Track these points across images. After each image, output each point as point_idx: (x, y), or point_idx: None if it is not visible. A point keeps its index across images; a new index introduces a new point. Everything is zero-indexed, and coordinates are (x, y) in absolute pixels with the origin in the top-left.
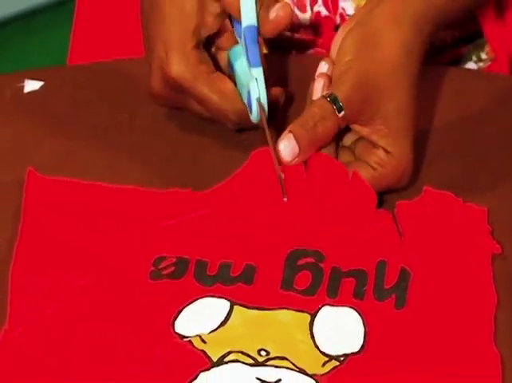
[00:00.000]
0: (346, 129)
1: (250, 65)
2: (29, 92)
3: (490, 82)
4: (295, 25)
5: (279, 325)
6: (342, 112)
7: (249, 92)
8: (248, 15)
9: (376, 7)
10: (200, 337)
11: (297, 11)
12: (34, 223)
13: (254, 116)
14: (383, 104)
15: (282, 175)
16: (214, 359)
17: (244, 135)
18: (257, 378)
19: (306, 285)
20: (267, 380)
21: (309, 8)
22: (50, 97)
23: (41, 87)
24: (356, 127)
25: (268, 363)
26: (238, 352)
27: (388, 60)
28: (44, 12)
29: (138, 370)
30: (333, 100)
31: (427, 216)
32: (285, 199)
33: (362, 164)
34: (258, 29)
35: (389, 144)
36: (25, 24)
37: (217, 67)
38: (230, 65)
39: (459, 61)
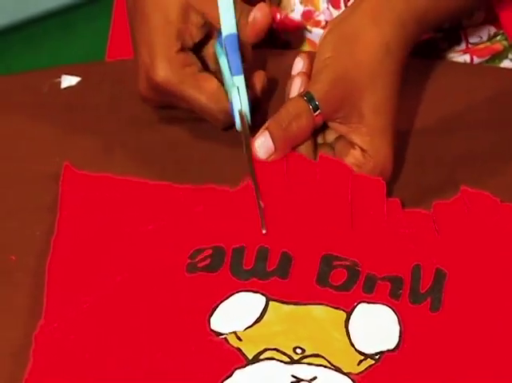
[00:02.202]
0: (328, 126)
1: (232, 73)
2: (65, 88)
3: None
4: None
5: (315, 322)
6: (318, 111)
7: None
8: (228, 24)
9: (357, 7)
10: (236, 334)
11: (331, 8)
12: (71, 218)
13: (238, 125)
14: (360, 101)
15: (262, 205)
16: (250, 357)
17: None
18: (293, 376)
19: (342, 280)
20: (303, 378)
21: (342, 4)
22: (87, 93)
23: (78, 82)
24: (334, 125)
25: (303, 361)
26: (274, 349)
27: (366, 58)
28: (81, 7)
29: (173, 367)
30: (309, 98)
31: (464, 216)
32: (264, 232)
33: None
34: (239, 37)
35: (366, 142)
36: (63, 19)
37: (205, 64)
38: (216, 60)
39: (495, 58)
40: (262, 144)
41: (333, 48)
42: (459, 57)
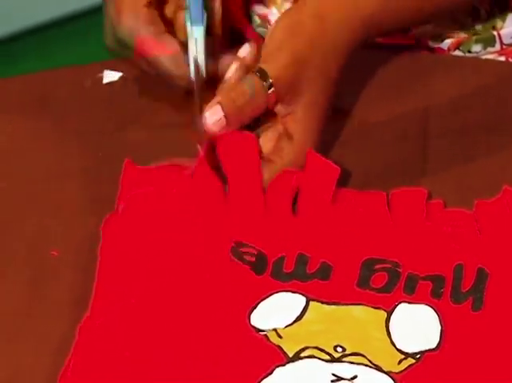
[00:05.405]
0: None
1: (191, 22)
2: (107, 83)
3: None
4: None
5: (355, 321)
6: (272, 89)
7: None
8: None
9: (303, 4)
10: (276, 331)
11: None
12: (127, 213)
13: (192, 73)
14: (307, 88)
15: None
16: (290, 354)
17: None
18: (333, 374)
19: (382, 283)
20: (343, 376)
21: None
22: (128, 88)
23: (120, 78)
24: (278, 106)
25: (344, 359)
26: (314, 348)
27: (315, 50)
28: None
29: (214, 363)
30: (264, 77)
31: (506, 216)
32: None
33: (265, 163)
34: None
35: (297, 131)
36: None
37: (171, 28)
38: (186, 31)
39: None
40: (215, 117)
41: (285, 33)
42: (495, 59)
